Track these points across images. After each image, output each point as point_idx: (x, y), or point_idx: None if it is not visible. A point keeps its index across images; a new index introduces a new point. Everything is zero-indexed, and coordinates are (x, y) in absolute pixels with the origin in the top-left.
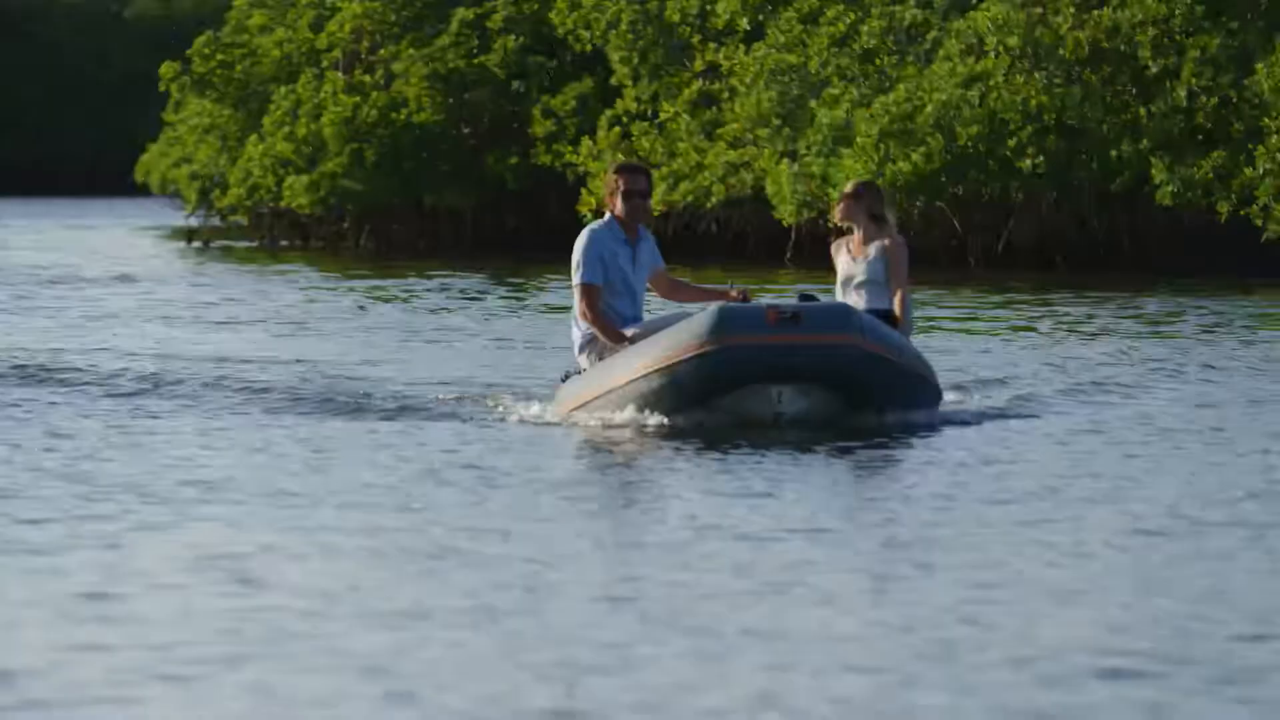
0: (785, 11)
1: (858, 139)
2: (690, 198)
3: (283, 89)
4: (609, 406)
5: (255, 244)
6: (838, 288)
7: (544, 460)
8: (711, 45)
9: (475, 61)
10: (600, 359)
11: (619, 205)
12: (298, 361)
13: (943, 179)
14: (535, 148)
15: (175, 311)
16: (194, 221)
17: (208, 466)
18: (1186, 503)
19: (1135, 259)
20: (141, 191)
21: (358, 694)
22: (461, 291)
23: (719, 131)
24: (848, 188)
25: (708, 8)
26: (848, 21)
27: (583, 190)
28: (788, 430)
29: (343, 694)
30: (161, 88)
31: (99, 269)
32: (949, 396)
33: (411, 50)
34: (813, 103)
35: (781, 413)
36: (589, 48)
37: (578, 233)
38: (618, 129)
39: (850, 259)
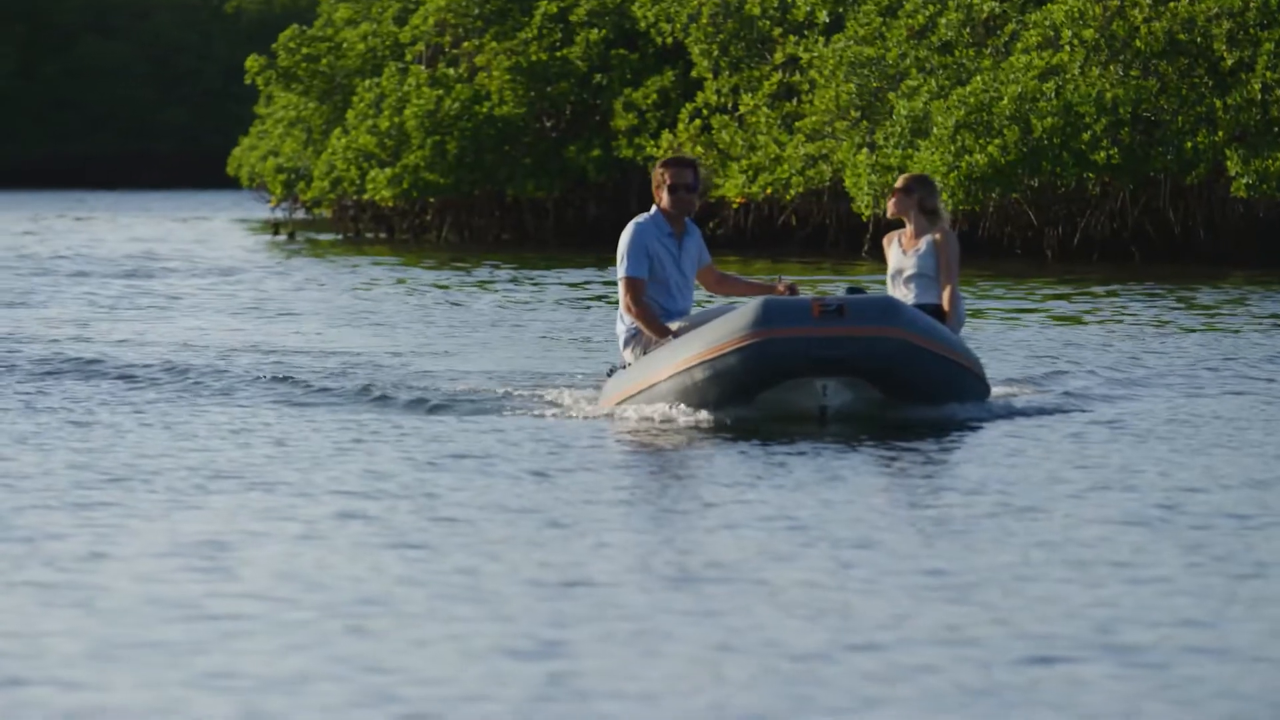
0: (864, 4)
1: (934, 131)
2: (769, 190)
3: (366, 82)
4: (652, 401)
5: (340, 236)
6: (888, 281)
7: (578, 455)
8: (791, 38)
9: (558, 54)
10: (645, 353)
11: (665, 198)
12: (353, 353)
13: (1018, 171)
14: (617, 141)
15: (241, 303)
16: (280, 214)
17: (237, 455)
18: (1238, 501)
19: (1211, 251)
20: (235, 185)
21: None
22: (535, 283)
23: (797, 124)
24: (899, 182)
25: (788, 0)
26: (927, 14)
27: None
28: (831, 424)
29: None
30: (247, 80)
31: (179, 261)
32: (1000, 390)
33: (494, 43)
34: (891, 94)
35: (826, 406)
36: (670, 41)
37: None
38: (698, 122)
39: (901, 253)
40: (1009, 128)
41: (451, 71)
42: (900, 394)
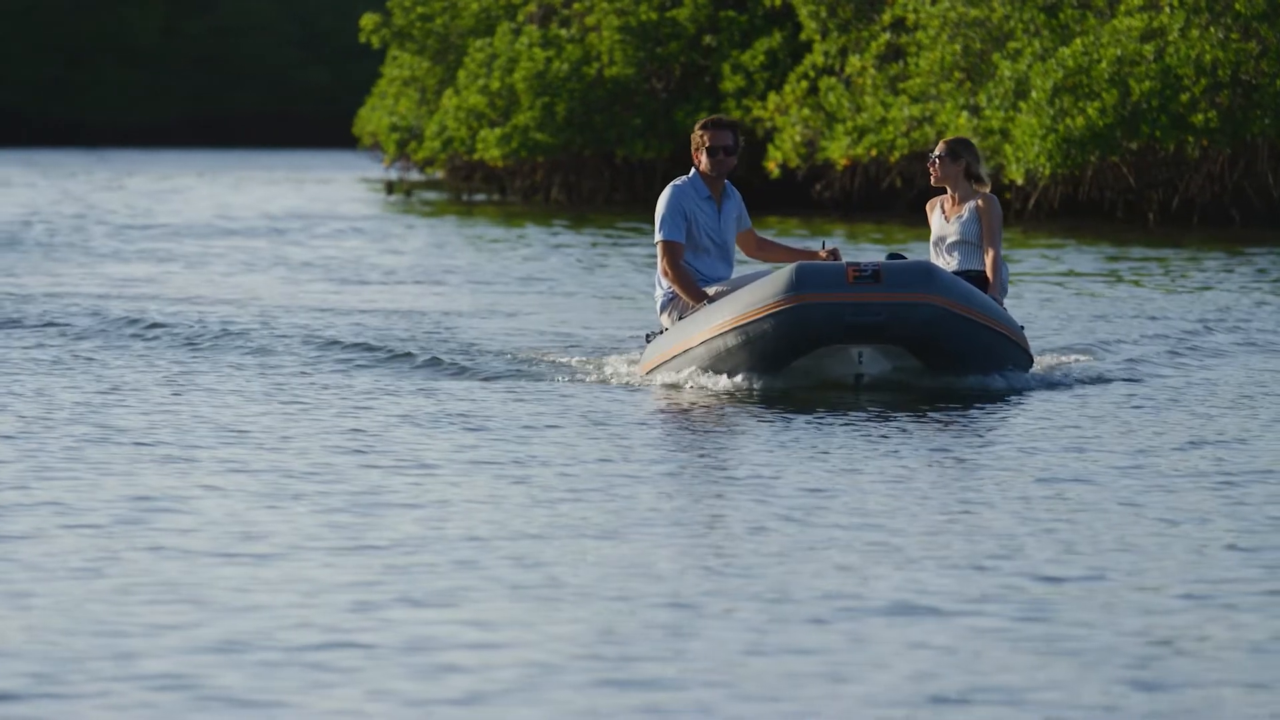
0: None
1: (1032, 94)
2: (874, 152)
3: (478, 42)
4: (686, 367)
5: (452, 196)
6: (931, 248)
7: (607, 422)
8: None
9: (667, 15)
10: (682, 319)
11: (704, 160)
12: (409, 312)
13: (1117, 134)
14: (725, 102)
15: (304, 260)
16: (394, 174)
17: (247, 419)
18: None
19: None
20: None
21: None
22: (629, 243)
23: (902, 85)
24: (939, 148)
25: None
26: None
27: (769, 145)
28: (865, 392)
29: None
30: (361, 39)
31: (282, 220)
32: (1048, 359)
33: (604, 3)
34: (995, 55)
35: (862, 374)
36: (779, 3)
37: (766, 188)
38: (804, 83)
39: (944, 219)
40: (1107, 91)
41: (564, 32)
42: (937, 362)
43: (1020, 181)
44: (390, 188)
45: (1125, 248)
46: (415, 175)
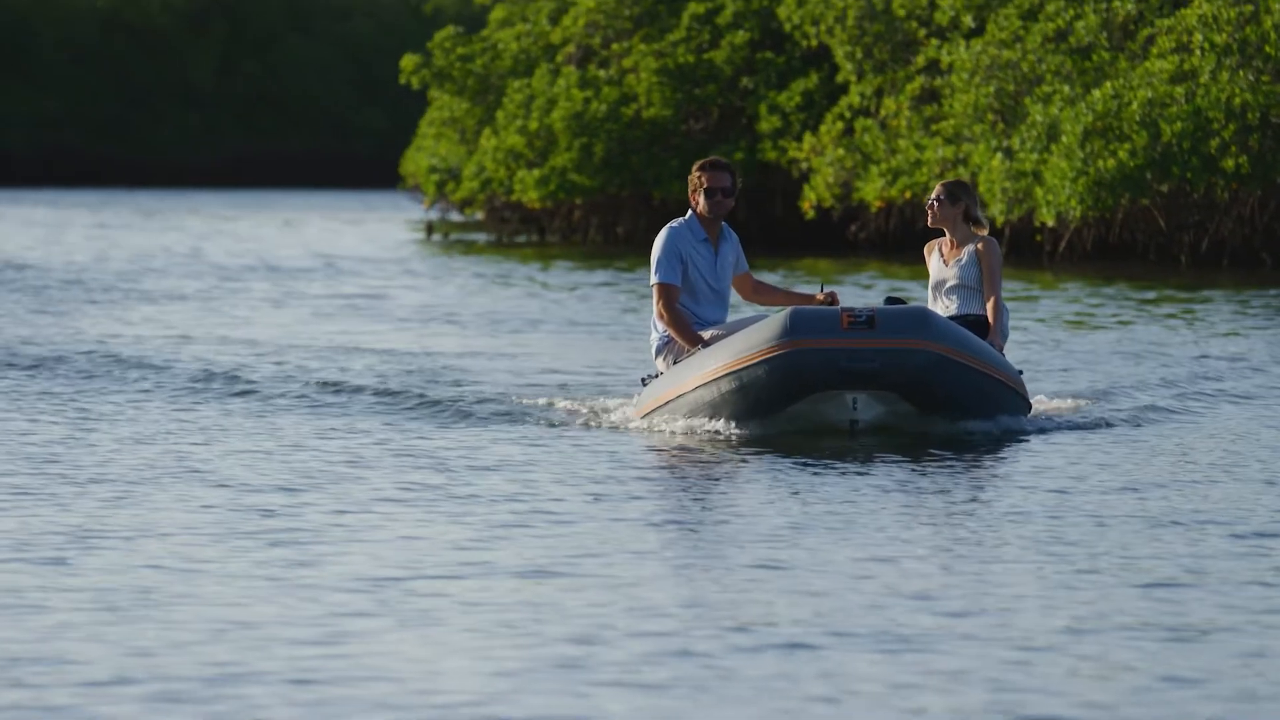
0: (1005, 7)
1: (1063, 137)
2: (908, 194)
3: (516, 83)
4: (680, 412)
5: (491, 237)
6: (929, 293)
7: (597, 467)
8: (933, 40)
9: (704, 57)
10: (677, 363)
11: (701, 202)
12: (422, 355)
13: (1147, 177)
14: (762, 143)
15: (341, 302)
16: (434, 215)
17: (235, 457)
18: (1264, 523)
19: None
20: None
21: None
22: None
23: (935, 127)
24: (937, 190)
25: (934, 2)
26: (1067, 18)
27: (804, 186)
28: (860, 439)
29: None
30: (402, 80)
31: (312, 260)
32: (1051, 404)
33: (642, 45)
34: (1027, 99)
35: (857, 420)
36: (815, 44)
37: (802, 229)
38: (840, 124)
39: (942, 263)
40: (1138, 133)
41: (602, 74)
42: (933, 408)
43: (1051, 224)
44: (430, 229)
45: (1149, 290)
46: (456, 217)
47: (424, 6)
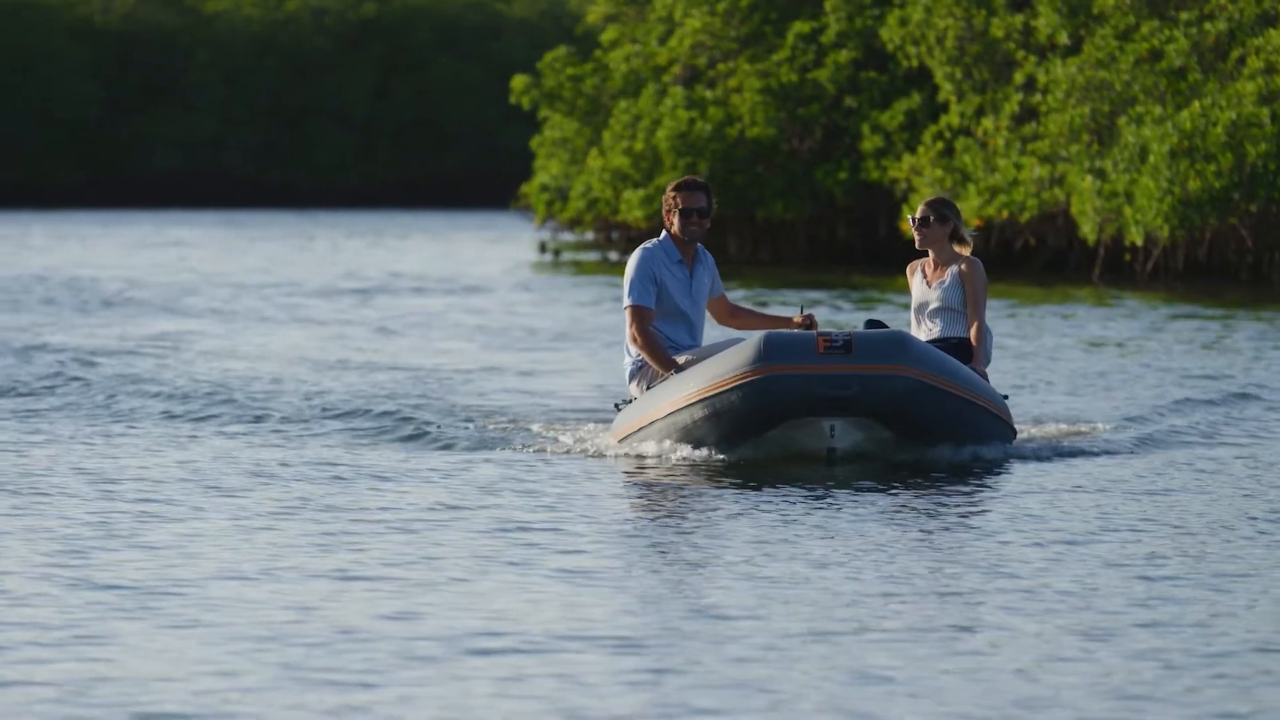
0: (1101, 28)
1: (1151, 158)
2: (1005, 213)
3: (623, 103)
4: (652, 439)
5: (600, 256)
6: (911, 316)
7: (566, 497)
8: (1032, 58)
9: (808, 76)
10: (650, 387)
11: (675, 223)
12: (418, 370)
13: (1234, 197)
14: (865, 163)
15: (368, 319)
16: (545, 234)
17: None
18: (1254, 556)
19: None
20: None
21: None
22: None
23: (1030, 146)
24: (921, 210)
25: (1031, 23)
26: (1161, 38)
27: (904, 206)
28: (838, 466)
29: None
30: (512, 100)
31: (413, 280)
32: (1040, 430)
33: (747, 65)
34: (1120, 120)
35: (834, 447)
36: (916, 64)
37: (905, 248)
38: (940, 144)
39: (925, 285)
40: (1223, 154)
41: (708, 94)
42: (912, 435)
43: (1140, 243)
44: (543, 247)
45: (1218, 310)
46: (569, 236)
47: (575, 29)
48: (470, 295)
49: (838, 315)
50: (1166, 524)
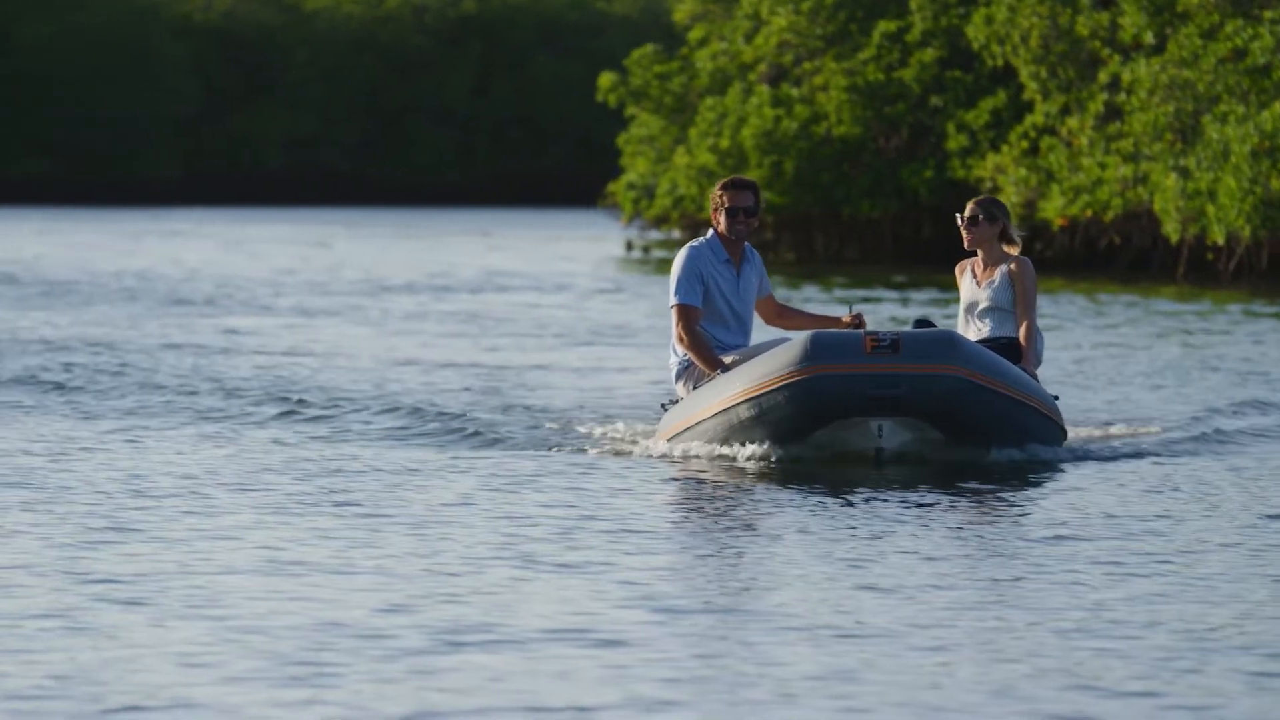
0: (1185, 27)
1: (1232, 157)
2: (1089, 212)
3: (709, 100)
4: (699, 439)
5: None
6: (960, 315)
7: (612, 496)
8: (1117, 57)
9: (894, 75)
10: (697, 387)
11: (722, 221)
12: (494, 370)
13: None
14: (950, 161)
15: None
16: (633, 232)
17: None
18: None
19: None
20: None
21: None
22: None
23: (1114, 145)
24: (969, 209)
25: (1117, 21)
26: (1245, 36)
27: None
28: (886, 467)
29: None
30: (599, 98)
31: (487, 278)
32: (1089, 432)
33: (833, 64)
34: (1205, 119)
35: (882, 447)
36: (1002, 63)
37: None
38: (1025, 143)
39: (975, 285)
40: None
41: (794, 92)
42: (960, 435)
43: (1222, 243)
44: (630, 245)
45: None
46: (655, 234)
47: (675, 27)
48: (553, 293)
49: (916, 312)
50: (1228, 525)
